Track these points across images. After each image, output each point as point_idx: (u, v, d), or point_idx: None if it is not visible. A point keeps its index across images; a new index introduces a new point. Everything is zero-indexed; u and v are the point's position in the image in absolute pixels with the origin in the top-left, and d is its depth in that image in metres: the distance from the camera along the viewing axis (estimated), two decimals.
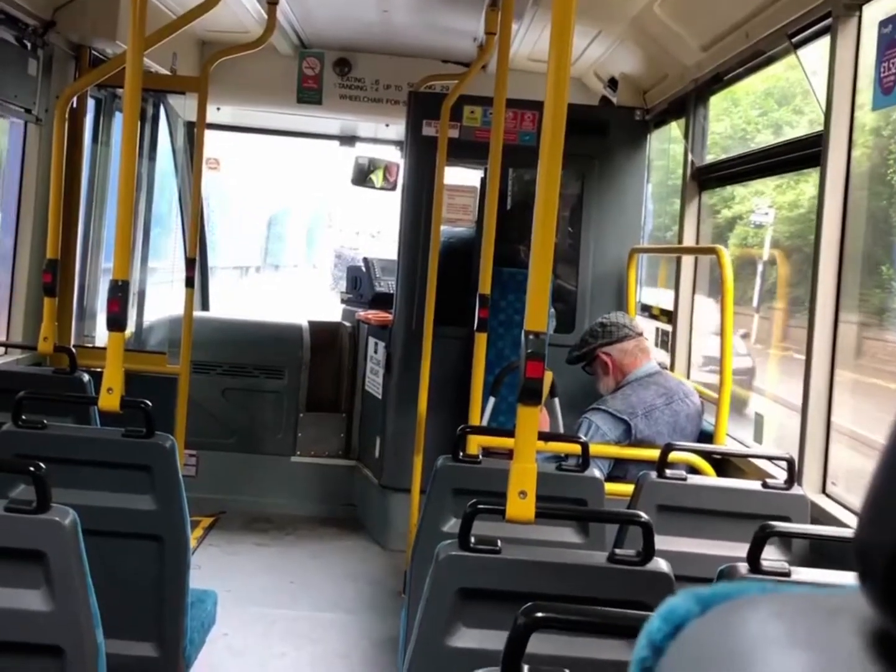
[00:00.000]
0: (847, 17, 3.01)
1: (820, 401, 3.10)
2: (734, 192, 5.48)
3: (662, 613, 0.48)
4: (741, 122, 5.45)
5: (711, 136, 4.88)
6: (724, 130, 5.43)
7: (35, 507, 1.99)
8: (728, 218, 5.69)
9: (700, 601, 0.48)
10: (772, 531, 2.01)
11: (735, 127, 5.48)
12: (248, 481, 5.99)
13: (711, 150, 4.92)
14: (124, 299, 2.86)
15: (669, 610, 0.48)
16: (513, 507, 2.07)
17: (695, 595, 0.49)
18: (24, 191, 4.75)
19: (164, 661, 2.83)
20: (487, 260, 3.86)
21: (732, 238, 5.83)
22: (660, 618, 0.48)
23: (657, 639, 0.48)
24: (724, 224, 5.67)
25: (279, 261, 29.45)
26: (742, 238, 5.92)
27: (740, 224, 5.78)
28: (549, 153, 2.08)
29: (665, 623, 0.48)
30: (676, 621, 0.48)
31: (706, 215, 4.89)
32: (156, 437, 2.80)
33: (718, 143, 5.32)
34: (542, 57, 5.50)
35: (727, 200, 5.54)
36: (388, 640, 4.28)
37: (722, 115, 5.29)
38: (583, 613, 1.41)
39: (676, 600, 0.49)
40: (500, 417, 4.93)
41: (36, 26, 4.53)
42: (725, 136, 5.45)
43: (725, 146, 5.36)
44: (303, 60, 6.24)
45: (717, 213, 5.48)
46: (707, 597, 0.48)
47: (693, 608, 0.47)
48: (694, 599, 0.48)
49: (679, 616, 0.48)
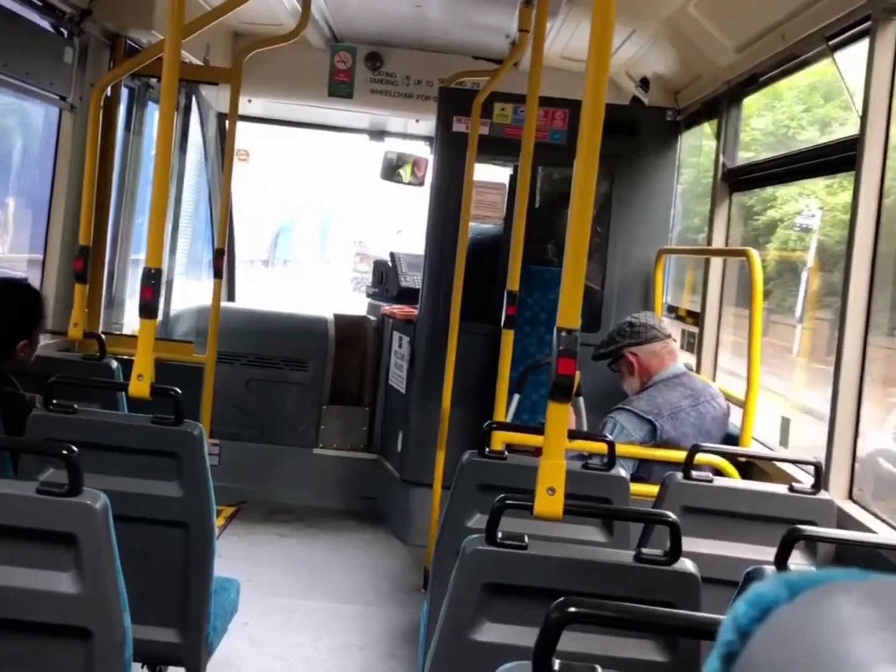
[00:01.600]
0: (886, 21, 2.99)
1: (848, 407, 3.08)
2: (776, 193, 5.21)
3: (749, 598, 0.49)
4: (784, 118, 5.16)
5: (751, 132, 4.75)
6: (765, 126, 5.13)
7: (67, 490, 2.00)
8: (768, 220, 5.37)
9: (789, 586, 0.48)
10: (800, 535, 2.01)
11: (777, 123, 5.20)
12: (270, 472, 6.02)
13: (751, 148, 4.79)
14: (157, 287, 2.87)
15: (757, 595, 0.48)
16: (541, 503, 2.07)
17: (783, 580, 0.49)
18: (56, 178, 4.79)
19: (188, 647, 2.85)
20: (516, 257, 3.86)
21: (773, 241, 5.51)
22: (746, 602, 0.48)
23: (744, 623, 0.48)
24: (762, 227, 5.38)
25: (288, 255, 28.39)
26: (783, 242, 5.55)
27: (782, 226, 5.42)
28: (585, 151, 2.08)
29: (752, 608, 0.48)
30: (764, 606, 0.48)
31: (742, 217, 4.80)
32: (184, 424, 2.81)
33: (759, 139, 5.07)
34: (574, 55, 5.53)
35: (767, 201, 5.28)
36: (408, 633, 4.29)
37: (763, 111, 5.03)
38: (615, 610, 1.41)
39: (764, 585, 0.49)
40: (524, 415, 4.93)
41: (72, 14, 4.56)
42: (767, 132, 5.16)
43: (767, 143, 5.10)
44: (335, 54, 6.25)
45: (757, 215, 5.23)
46: (796, 582, 0.48)
47: (782, 593, 0.48)
48: (783, 584, 0.48)
49: (767, 601, 0.48)
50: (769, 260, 5.29)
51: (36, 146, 5.36)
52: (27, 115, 5.46)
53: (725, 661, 0.48)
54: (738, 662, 0.48)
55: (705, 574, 2.00)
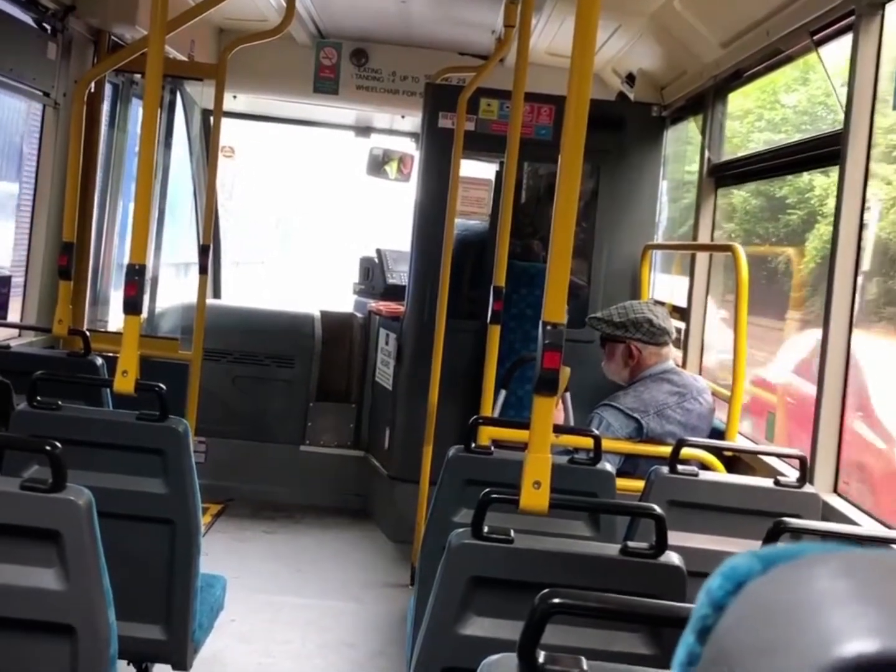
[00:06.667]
0: (870, 16, 3.00)
1: (833, 400, 3.10)
2: (812, 182, 4.53)
3: (723, 571, 0.49)
4: (820, 94, 4.41)
5: (781, 110, 4.50)
6: (797, 104, 4.59)
7: (50, 486, 1.99)
8: (805, 215, 4.70)
9: (762, 560, 0.48)
10: (786, 527, 2.02)
11: (813, 100, 4.60)
12: (256, 469, 6.01)
13: (782, 128, 4.54)
14: (141, 283, 2.85)
15: (731, 567, 0.48)
16: (527, 497, 2.08)
17: (756, 554, 0.49)
18: (40, 174, 4.77)
19: (173, 644, 2.84)
20: (503, 252, 3.86)
21: (812, 240, 4.73)
22: (721, 575, 0.49)
23: (718, 596, 0.48)
24: (797, 222, 4.79)
25: (239, 256, 26.68)
26: (826, 241, 4.39)
27: (825, 222, 4.46)
28: (570, 147, 2.08)
29: (726, 580, 0.48)
30: (738, 578, 0.48)
31: (772, 211, 4.59)
32: (169, 420, 2.80)
33: (790, 119, 4.62)
34: (559, 51, 5.53)
35: (803, 192, 4.66)
36: (395, 628, 4.29)
37: (795, 86, 4.55)
38: (599, 601, 1.41)
39: (738, 559, 0.49)
40: (510, 411, 4.93)
41: (56, 10, 4.54)
42: (800, 111, 4.66)
43: (798, 123, 4.65)
44: (320, 50, 6.24)
45: (791, 208, 4.72)
46: (769, 556, 0.48)
47: (755, 565, 0.48)
48: (756, 558, 0.48)
49: (741, 573, 0.48)
50: (807, 262, 4.73)
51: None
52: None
53: (700, 635, 0.49)
54: (711, 635, 0.48)
55: (691, 567, 2.00)
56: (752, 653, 0.43)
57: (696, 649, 0.50)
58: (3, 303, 4.56)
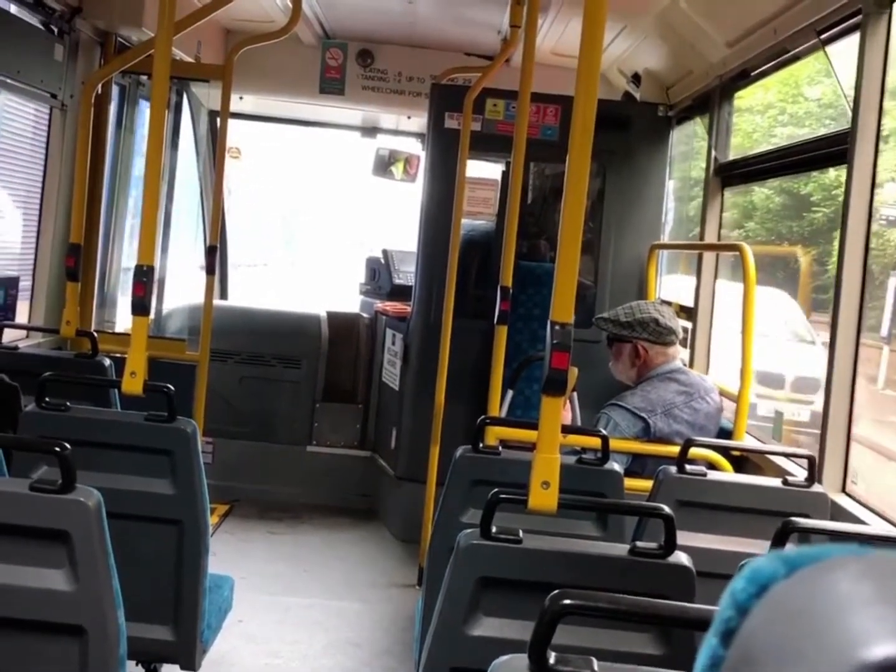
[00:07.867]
0: (878, 15, 3.00)
1: (842, 400, 3.09)
2: (839, 178, 4.22)
3: (747, 574, 0.49)
4: (846, 87, 4.21)
5: (805, 104, 4.31)
6: (821, 97, 4.21)
7: (60, 486, 2.00)
8: (831, 213, 4.45)
9: (786, 563, 0.48)
10: (794, 527, 2.01)
11: (837, 92, 4.06)
12: (263, 470, 6.01)
13: (805, 122, 4.35)
14: (149, 284, 2.86)
15: (754, 570, 0.48)
16: (535, 497, 2.07)
17: (780, 556, 0.49)
18: (47, 176, 4.78)
19: (182, 644, 2.85)
20: (509, 252, 3.86)
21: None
22: (744, 579, 0.48)
23: (742, 598, 0.48)
24: (822, 221, 4.58)
25: (240, 258, 26.38)
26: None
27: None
28: (577, 147, 2.08)
29: (750, 584, 0.48)
30: (762, 581, 0.48)
31: (795, 209, 4.50)
32: (177, 421, 2.81)
33: (814, 113, 4.28)
34: (565, 51, 5.53)
35: (829, 188, 4.46)
36: (402, 629, 4.29)
37: (819, 77, 4.26)
38: (610, 601, 1.41)
39: (761, 561, 0.49)
40: (518, 411, 4.93)
41: (63, 12, 4.55)
42: (824, 104, 4.36)
43: (822, 117, 4.33)
44: (326, 51, 6.25)
45: (815, 206, 4.47)
46: (793, 559, 0.48)
47: (779, 568, 0.48)
48: (779, 560, 0.48)
49: (765, 576, 0.48)
50: (834, 262, 4.74)
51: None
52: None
53: (724, 638, 0.49)
54: (735, 638, 0.48)
55: (700, 567, 2.00)
56: (778, 656, 0.43)
57: (719, 652, 0.50)
58: (11, 304, 4.57)
